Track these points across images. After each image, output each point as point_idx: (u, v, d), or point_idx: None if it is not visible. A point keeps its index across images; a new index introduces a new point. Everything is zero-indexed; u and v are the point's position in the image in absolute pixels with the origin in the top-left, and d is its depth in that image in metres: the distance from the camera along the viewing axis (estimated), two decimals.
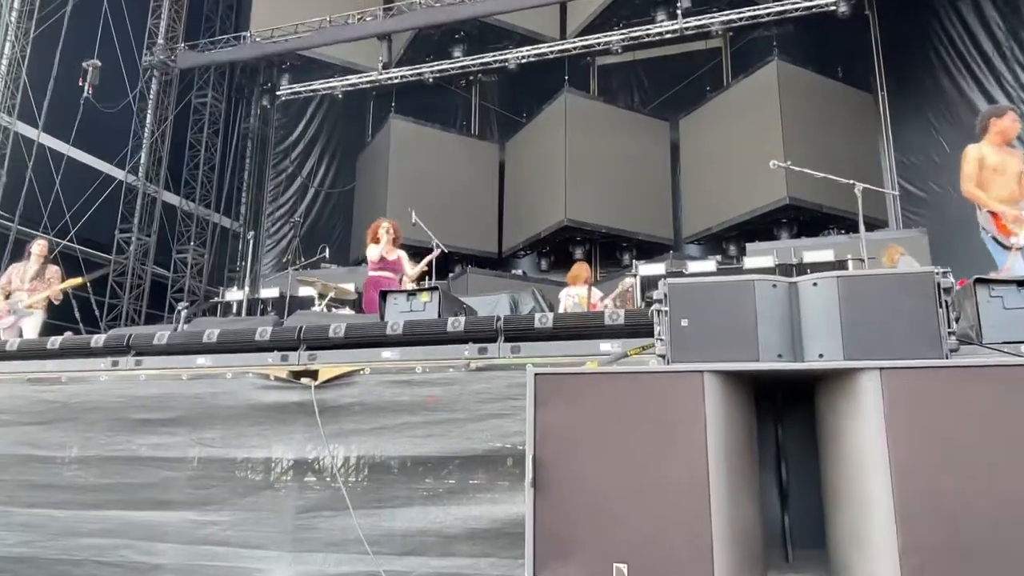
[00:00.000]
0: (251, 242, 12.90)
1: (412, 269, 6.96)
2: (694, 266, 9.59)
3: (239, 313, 10.72)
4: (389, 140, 14.17)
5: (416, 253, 13.53)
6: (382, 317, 4.79)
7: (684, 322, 2.65)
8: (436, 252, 7.81)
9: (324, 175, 16.36)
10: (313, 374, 4.18)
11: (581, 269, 7.12)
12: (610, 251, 13.54)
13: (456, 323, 4.11)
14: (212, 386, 4.29)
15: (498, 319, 4.09)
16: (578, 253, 13.15)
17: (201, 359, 4.55)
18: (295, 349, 4.42)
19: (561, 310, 7.09)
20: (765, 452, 2.69)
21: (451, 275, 13.11)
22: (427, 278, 8.84)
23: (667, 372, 2.50)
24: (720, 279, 2.66)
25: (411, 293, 4.78)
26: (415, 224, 8.44)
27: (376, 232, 6.83)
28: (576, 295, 6.97)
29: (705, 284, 2.69)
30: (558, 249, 13.85)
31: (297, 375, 4.21)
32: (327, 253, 10.07)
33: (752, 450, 2.56)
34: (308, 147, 16.22)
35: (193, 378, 4.39)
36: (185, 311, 6.79)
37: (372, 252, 6.74)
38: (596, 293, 7.00)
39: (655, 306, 2.76)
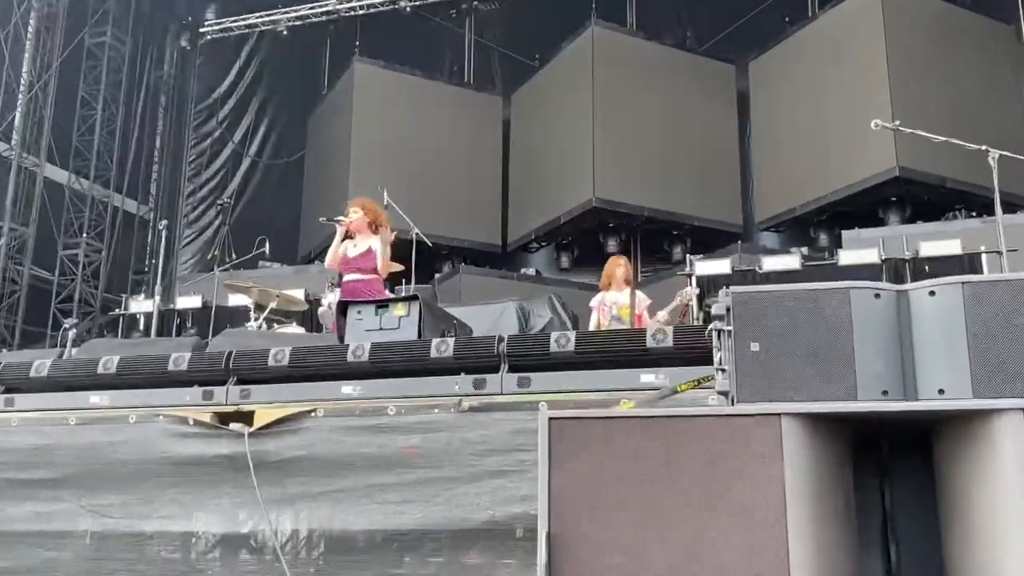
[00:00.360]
0: (164, 233, 12.94)
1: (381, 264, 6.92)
2: (770, 263, 9.58)
3: (147, 332, 10.79)
4: (352, 92, 14.24)
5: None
6: (341, 338, 4.81)
7: (755, 346, 2.65)
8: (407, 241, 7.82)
9: (263, 141, 16.46)
10: (247, 417, 4.19)
11: (618, 267, 6.91)
12: (655, 243, 13.54)
13: (443, 346, 4.13)
14: (110, 434, 4.30)
15: (500, 340, 4.10)
16: (611, 245, 13.15)
17: (95, 397, 4.56)
18: (222, 383, 4.41)
19: (592, 325, 7.02)
20: (867, 520, 2.68)
21: (437, 277, 13.16)
22: (403, 282, 8.88)
23: (731, 416, 2.50)
24: (803, 288, 2.65)
25: (380, 304, 4.79)
26: (387, 206, 8.47)
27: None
28: (614, 303, 6.83)
29: (783, 293, 2.68)
30: (584, 240, 13.87)
31: (225, 419, 4.22)
32: (267, 248, 10.10)
33: (849, 519, 2.56)
34: (242, 103, 16.31)
35: (84, 423, 4.40)
36: (74, 329, 6.83)
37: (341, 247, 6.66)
38: (642, 299, 6.81)
39: (715, 323, 2.75)
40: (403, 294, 7.95)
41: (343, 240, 6.69)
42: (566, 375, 3.94)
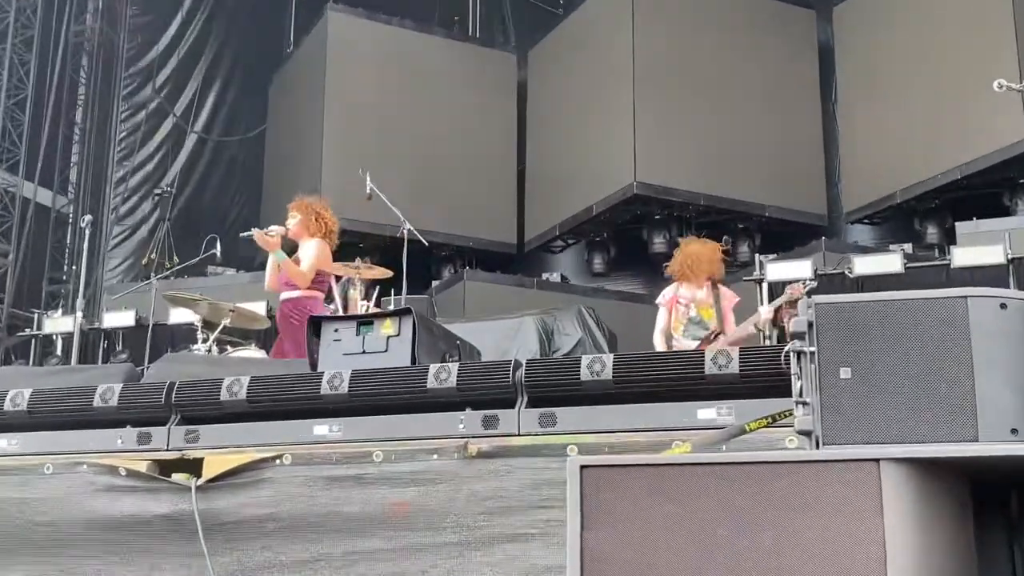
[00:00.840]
0: (87, 231, 13.01)
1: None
2: (864, 264, 9.52)
3: (67, 358, 10.88)
4: (324, 50, 14.33)
5: (368, 251, 13.58)
6: (314, 364, 4.84)
7: (845, 372, 2.65)
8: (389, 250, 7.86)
9: (213, 113, 16.56)
10: (194, 466, 4.21)
11: (702, 254, 6.55)
12: (714, 239, 13.46)
13: (443, 373, 4.14)
14: (21, 488, 4.34)
15: (517, 365, 4.15)
16: (657, 243, 13.14)
17: (1, 441, 4.60)
18: (163, 422, 4.46)
19: (659, 331, 6.80)
20: None
21: (435, 284, 13.19)
22: (391, 292, 8.91)
23: (816, 462, 2.49)
24: (907, 296, 2.65)
25: (364, 320, 4.82)
26: (370, 196, 8.50)
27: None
28: (690, 299, 6.62)
29: (881, 303, 2.68)
30: (622, 236, 13.87)
31: (167, 468, 4.25)
32: (219, 249, 10.15)
33: None
34: (185, 65, 16.42)
35: None
36: None
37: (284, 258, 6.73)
38: (728, 296, 6.60)
39: (793, 343, 2.76)
40: (391, 307, 8.00)
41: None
42: (602, 410, 3.95)
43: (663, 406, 3.86)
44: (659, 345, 6.68)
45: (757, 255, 10.18)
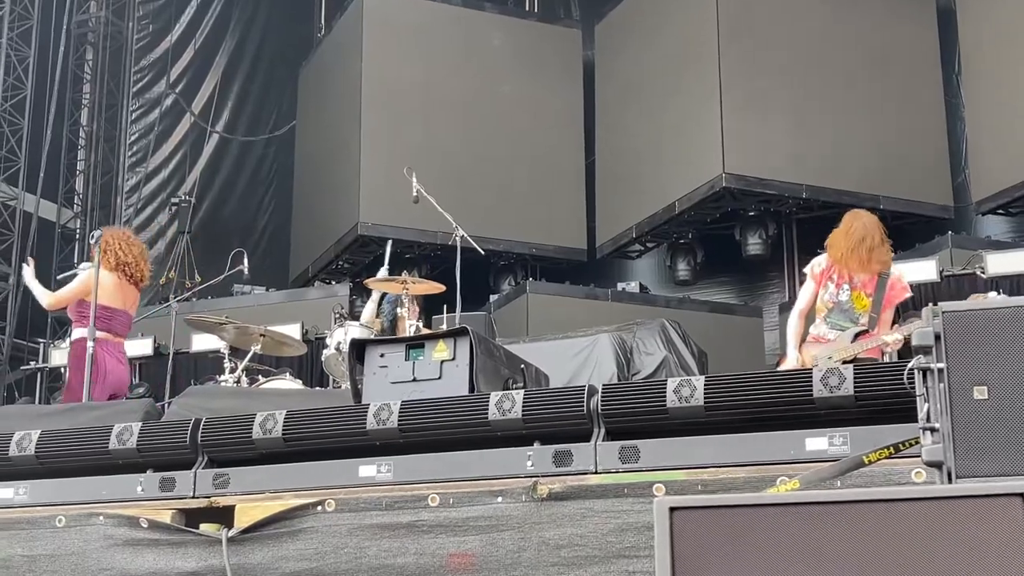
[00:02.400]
0: (96, 249, 13.27)
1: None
2: (999, 262, 9.35)
3: None
4: (360, 32, 14.49)
5: (415, 263, 13.63)
6: (358, 395, 4.88)
7: (980, 392, 2.64)
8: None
9: (236, 109, 16.81)
10: (225, 515, 4.27)
11: (868, 231, 6.22)
12: (820, 237, 13.28)
13: (507, 403, 4.16)
14: (30, 544, 4.41)
15: (592, 392, 4.15)
16: (753, 243, 13.10)
17: (7, 491, 4.69)
18: (188, 466, 4.51)
19: (796, 313, 6.43)
20: None
21: (493, 299, 13.22)
22: (444, 309, 8.94)
23: (948, 498, 2.46)
24: None
25: (414, 343, 4.86)
26: (417, 198, 8.55)
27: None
28: (844, 282, 6.21)
29: (1021, 310, 2.67)
30: (711, 237, 13.82)
31: (194, 518, 4.30)
32: (246, 264, 10.31)
33: None
34: (203, 56, 16.70)
35: None
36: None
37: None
38: (899, 288, 6.22)
39: (918, 359, 2.74)
40: (444, 327, 8.03)
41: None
42: (692, 443, 3.94)
43: (765, 436, 3.83)
44: (792, 327, 6.29)
45: None
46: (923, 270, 9.05)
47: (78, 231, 16.14)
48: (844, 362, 5.50)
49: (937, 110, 13.40)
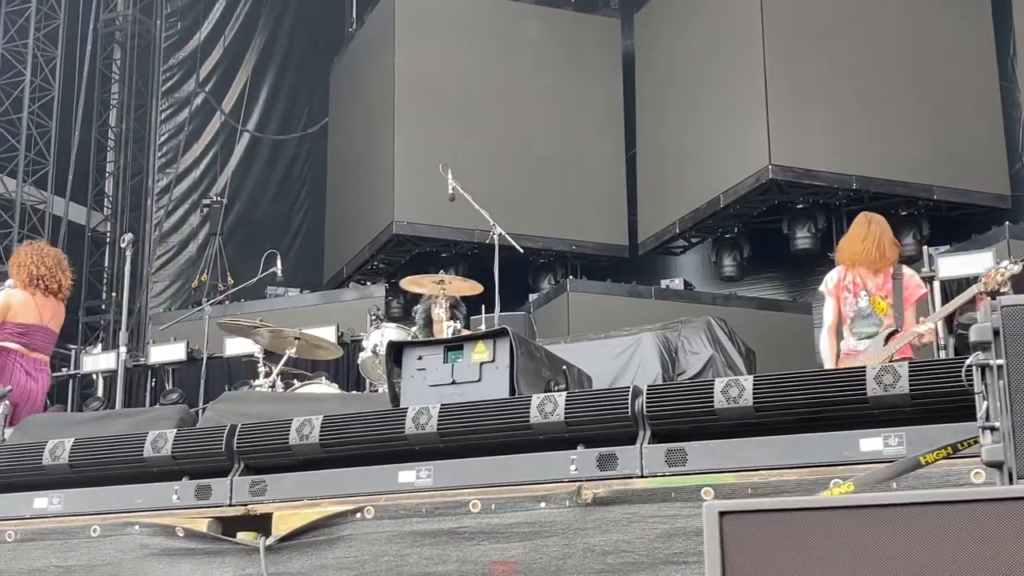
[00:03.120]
0: (128, 252, 13.31)
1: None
2: None
3: (110, 399, 11.18)
4: (393, 26, 14.54)
5: (452, 262, 13.64)
6: (395, 399, 4.89)
7: None
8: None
9: (267, 107, 16.91)
10: (262, 523, 4.29)
11: (873, 231, 6.27)
12: None
13: (549, 405, 4.16)
14: (65, 555, 4.46)
15: (636, 392, 4.13)
16: (802, 237, 13.02)
17: (41, 500, 4.73)
18: (224, 473, 4.54)
19: (828, 320, 6.54)
20: None
21: (533, 298, 13.22)
22: (482, 309, 8.94)
23: (1012, 500, 2.44)
24: None
25: (452, 345, 4.86)
26: (453, 196, 8.56)
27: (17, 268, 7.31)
28: (861, 285, 6.31)
29: None
30: (757, 231, 13.77)
31: (231, 526, 4.33)
32: (279, 266, 10.36)
33: None
34: (233, 54, 16.80)
35: (25, 539, 4.55)
36: (5, 401, 7.19)
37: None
38: (913, 286, 6.27)
39: (976, 356, 2.72)
40: (483, 328, 8.04)
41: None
42: (742, 444, 3.91)
43: (817, 437, 3.80)
44: (825, 347, 6.40)
45: (925, 247, 9.98)
46: (979, 262, 8.95)
47: (109, 234, 16.28)
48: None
49: (992, 95, 13.25)
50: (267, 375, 7.96)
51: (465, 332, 7.70)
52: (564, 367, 5.17)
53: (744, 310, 12.23)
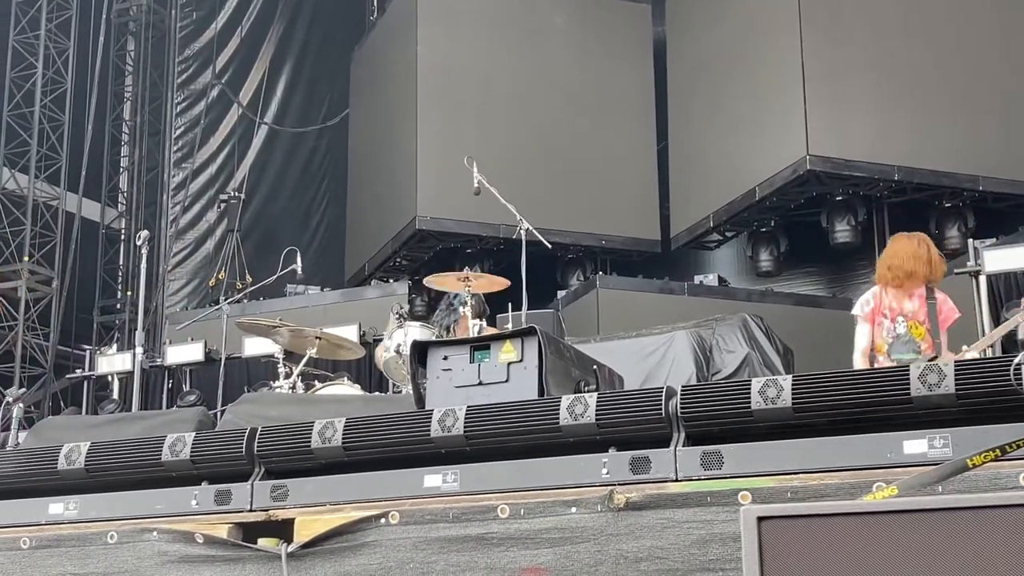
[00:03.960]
0: (144, 249, 13.37)
1: None
2: None
3: (126, 403, 11.23)
4: (415, 13, 14.53)
5: (477, 258, 13.63)
6: (420, 401, 4.91)
7: None
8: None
9: (286, 99, 16.96)
10: (284, 529, 4.31)
11: (910, 252, 6.30)
12: (914, 222, 13.11)
13: (579, 406, 4.16)
14: (82, 562, 4.48)
15: (670, 393, 4.14)
16: (841, 231, 12.94)
17: (57, 506, 4.75)
18: (244, 477, 4.56)
19: (860, 349, 6.59)
20: None
21: (561, 296, 13.21)
22: (508, 307, 8.95)
23: None
24: None
25: (478, 345, 4.87)
26: (478, 190, 8.57)
27: None
28: (898, 311, 6.37)
29: None
30: (795, 224, 13.70)
31: (252, 532, 4.35)
32: (299, 263, 10.41)
33: None
34: (250, 44, 16.85)
35: (41, 547, 4.58)
36: (20, 404, 7.23)
37: None
38: (947, 311, 6.30)
39: (1023, 355, 2.70)
40: (510, 327, 8.05)
41: None
42: (780, 447, 3.91)
43: (860, 439, 3.79)
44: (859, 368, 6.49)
45: (971, 241, 9.91)
46: None
47: (123, 231, 16.35)
48: None
49: None
50: (287, 376, 7.99)
51: (491, 331, 7.71)
52: (594, 367, 5.17)
53: (781, 307, 12.19)
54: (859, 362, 6.46)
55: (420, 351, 5.03)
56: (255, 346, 10.51)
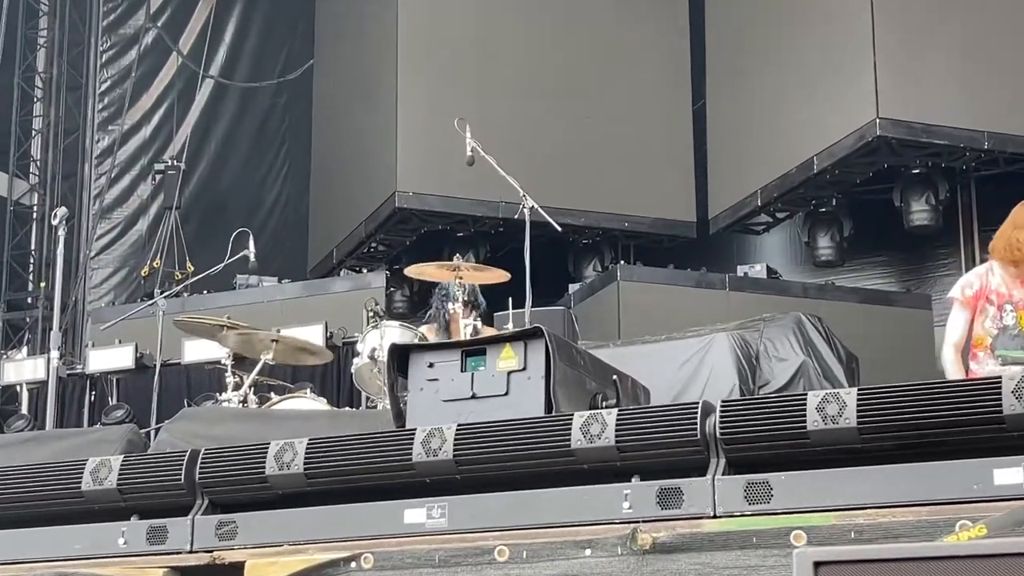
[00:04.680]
0: (61, 231, 13.30)
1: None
2: None
3: (37, 418, 11.18)
4: None
5: (471, 243, 13.61)
6: (400, 417, 4.90)
7: None
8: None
9: (234, 47, 16.90)
10: (230, 574, 4.29)
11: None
12: (1004, 196, 13.12)
13: (595, 425, 4.16)
14: None
15: (707, 410, 4.15)
16: (918, 211, 12.94)
17: None
18: (184, 511, 4.54)
19: (948, 348, 6.55)
20: None
21: (573, 290, 13.19)
22: (509, 304, 8.94)
23: None
24: None
25: (472, 349, 4.86)
26: (472, 159, 8.53)
27: None
28: (1007, 297, 6.35)
29: None
30: (862, 203, 13.69)
31: None
32: (252, 248, 10.38)
33: None
34: None
35: None
36: None
37: None
38: None
39: None
40: (510, 327, 8.04)
41: None
42: (842, 476, 3.92)
43: (940, 467, 3.79)
44: (953, 368, 6.39)
45: None
46: None
47: (35, 208, 16.28)
48: None
49: None
50: (237, 387, 8.00)
51: (488, 332, 7.71)
52: (614, 377, 5.17)
53: (844, 304, 12.20)
54: (949, 357, 6.35)
55: (400, 357, 5.03)
56: (197, 350, 10.47)
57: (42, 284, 15.65)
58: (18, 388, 12.06)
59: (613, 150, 14.12)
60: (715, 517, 3.96)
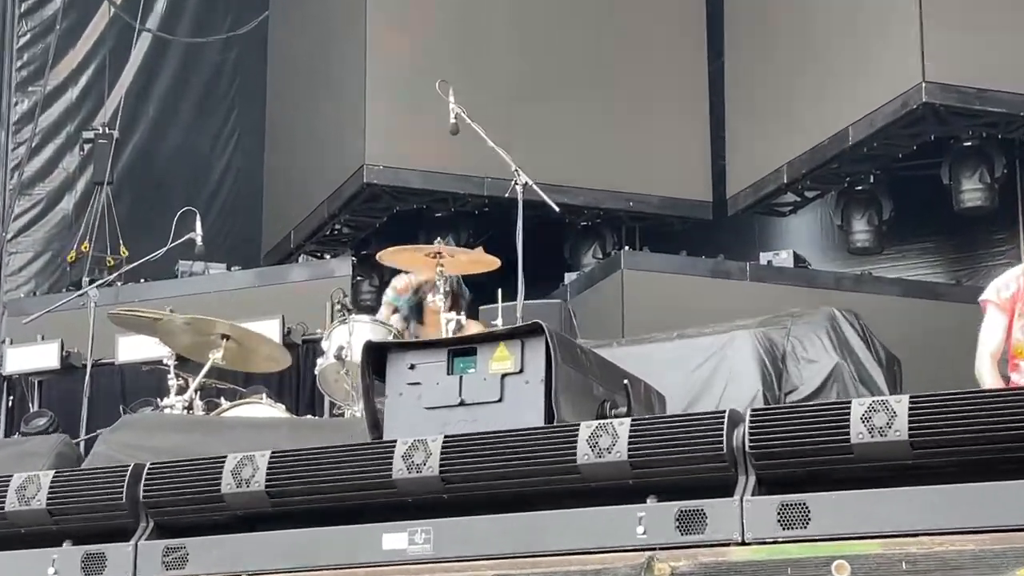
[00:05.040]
0: None
1: None
2: None
3: None
4: None
5: (453, 224, 13.63)
6: (377, 427, 4.90)
7: None
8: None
9: None
10: None
11: None
12: None
13: (603, 437, 4.17)
14: None
15: (734, 419, 4.16)
16: (969, 189, 12.95)
17: None
18: (126, 536, 4.52)
19: (985, 358, 6.61)
20: None
21: (571, 279, 13.19)
22: (499, 295, 8.92)
23: None
24: None
25: (460, 349, 4.85)
26: (456, 126, 8.51)
27: None
28: None
29: None
30: (904, 180, 13.73)
31: None
32: (199, 230, 10.36)
33: None
34: None
35: None
36: None
37: None
38: None
39: None
40: (500, 323, 8.04)
41: None
42: (890, 497, 3.92)
43: (1004, 488, 3.79)
44: (988, 379, 6.46)
45: None
46: None
47: None
48: None
49: None
50: (181, 391, 7.99)
51: (473, 328, 7.71)
52: (625, 381, 5.17)
53: (885, 298, 12.25)
54: (986, 367, 6.44)
55: (376, 357, 5.03)
56: (134, 348, 10.47)
57: None
58: None
59: (618, 118, 14.12)
60: (743, 544, 3.97)
